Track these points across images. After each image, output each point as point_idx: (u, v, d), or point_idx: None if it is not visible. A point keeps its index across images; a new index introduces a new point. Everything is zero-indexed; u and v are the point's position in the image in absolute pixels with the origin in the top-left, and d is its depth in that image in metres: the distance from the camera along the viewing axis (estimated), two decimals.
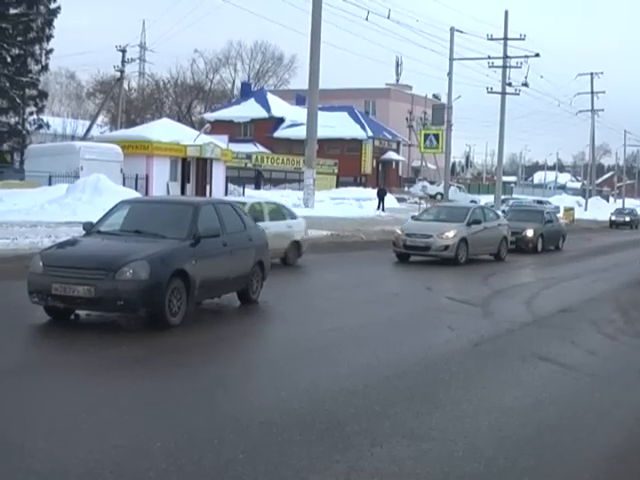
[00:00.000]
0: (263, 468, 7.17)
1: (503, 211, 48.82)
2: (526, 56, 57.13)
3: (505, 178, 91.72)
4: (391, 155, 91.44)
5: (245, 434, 8.03)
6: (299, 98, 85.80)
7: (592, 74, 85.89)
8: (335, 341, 13.22)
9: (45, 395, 9.45)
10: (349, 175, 79.42)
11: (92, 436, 7.87)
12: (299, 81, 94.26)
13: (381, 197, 56.57)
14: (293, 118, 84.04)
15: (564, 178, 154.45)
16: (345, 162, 78.59)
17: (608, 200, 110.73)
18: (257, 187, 61.28)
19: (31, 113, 58.11)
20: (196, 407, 9.09)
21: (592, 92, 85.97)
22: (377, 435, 8.20)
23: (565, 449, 8.25)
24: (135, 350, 11.84)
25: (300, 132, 59.89)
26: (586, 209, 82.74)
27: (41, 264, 13.15)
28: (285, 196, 50.41)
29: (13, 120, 57.31)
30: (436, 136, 57.53)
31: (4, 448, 7.47)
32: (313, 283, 21.89)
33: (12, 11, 56.04)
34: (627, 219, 71.13)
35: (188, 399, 9.40)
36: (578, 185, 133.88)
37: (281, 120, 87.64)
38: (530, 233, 34.37)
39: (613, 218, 70.97)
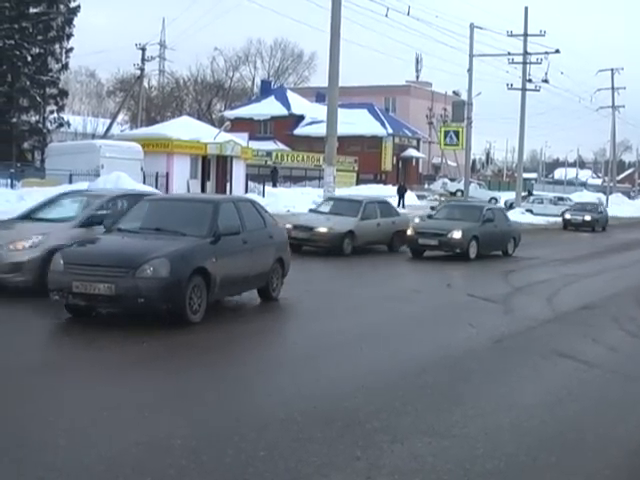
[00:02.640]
0: (284, 465, 7.18)
1: (432, 207, 45.43)
2: (546, 52, 56.86)
3: (526, 175, 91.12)
4: (411, 152, 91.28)
5: (266, 431, 8.03)
6: (319, 95, 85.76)
7: (612, 70, 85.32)
8: (355, 338, 13.21)
9: (66, 392, 9.49)
10: (369, 172, 79.31)
11: (113, 433, 7.89)
12: (319, 78, 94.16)
13: (401, 194, 56.56)
14: (313, 115, 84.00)
15: (585, 175, 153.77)
16: (365, 159, 78.51)
17: (630, 197, 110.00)
18: (274, 185, 61.28)
19: (52, 112, 58.37)
20: (217, 404, 9.11)
21: (612, 88, 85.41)
22: (398, 432, 8.19)
23: (586, 446, 8.23)
24: (155, 348, 11.86)
25: (320, 129, 59.80)
26: (607, 206, 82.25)
27: (62, 262, 13.19)
28: (305, 194, 50.41)
29: (34, 119, 57.59)
30: (456, 133, 57.38)
31: (26, 445, 7.50)
32: (333, 280, 21.84)
33: (32, 10, 56.33)
34: (587, 218, 52.69)
35: (209, 396, 9.42)
36: (599, 182, 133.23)
37: (301, 117, 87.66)
38: (457, 235, 27.04)
39: (568, 216, 53.52)
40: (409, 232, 27.69)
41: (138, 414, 8.59)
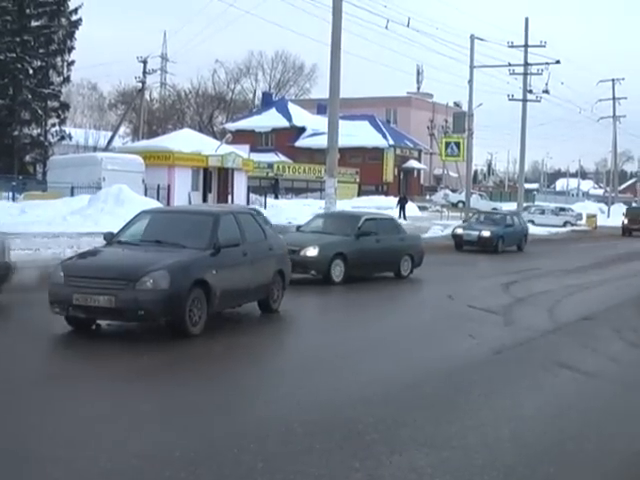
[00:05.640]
0: (282, 477, 7.17)
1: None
2: (547, 63, 57.00)
3: (527, 185, 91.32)
4: (413, 163, 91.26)
5: (265, 443, 8.03)
6: (320, 107, 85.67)
7: (613, 80, 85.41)
8: (356, 349, 13.22)
9: (66, 405, 9.48)
10: (371, 184, 79.35)
11: (112, 445, 7.89)
12: (320, 90, 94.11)
13: (402, 206, 56.48)
14: (314, 127, 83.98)
15: (586, 185, 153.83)
16: (367, 171, 78.51)
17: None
18: (276, 196, 61.34)
19: (53, 125, 58.57)
20: (216, 416, 9.10)
21: (614, 98, 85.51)
22: (396, 443, 8.19)
23: (586, 457, 8.23)
24: (156, 360, 11.87)
25: (321, 141, 59.75)
26: (609, 216, 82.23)
27: (62, 274, 13.21)
28: (307, 205, 50.44)
29: (35, 132, 57.78)
30: (457, 144, 57.42)
31: (25, 457, 7.51)
32: (334, 292, 21.83)
33: (34, 23, 56.64)
34: (485, 234, 37.24)
35: (208, 408, 9.42)
36: (601, 192, 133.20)
37: (302, 129, 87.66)
38: (312, 252, 21.42)
39: (459, 232, 38.64)
40: None
41: (138, 426, 8.60)
